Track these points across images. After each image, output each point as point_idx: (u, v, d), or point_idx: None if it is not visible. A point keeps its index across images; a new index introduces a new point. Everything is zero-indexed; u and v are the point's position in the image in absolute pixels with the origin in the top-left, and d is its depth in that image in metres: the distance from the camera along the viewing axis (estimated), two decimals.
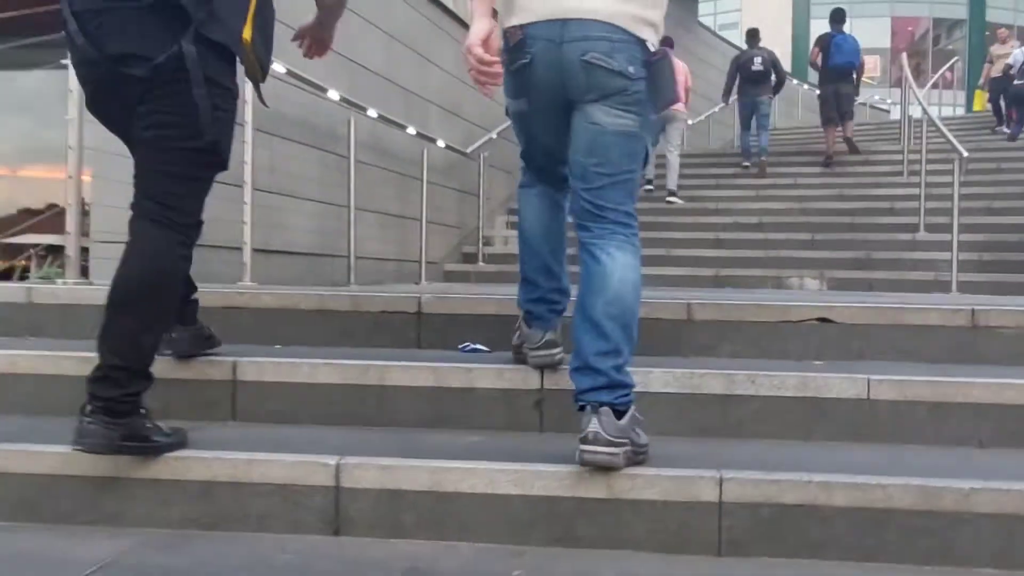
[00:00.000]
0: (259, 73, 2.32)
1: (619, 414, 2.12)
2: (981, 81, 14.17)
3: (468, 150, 8.02)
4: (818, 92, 10.77)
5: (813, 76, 11.43)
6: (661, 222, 8.67)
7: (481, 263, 8.17)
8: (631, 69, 2.22)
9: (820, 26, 10.64)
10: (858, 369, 2.62)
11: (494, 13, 2.35)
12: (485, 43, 2.29)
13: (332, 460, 2.10)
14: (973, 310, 2.86)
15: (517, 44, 2.28)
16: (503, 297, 2.91)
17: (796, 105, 17.90)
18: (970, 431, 2.41)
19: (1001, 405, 2.40)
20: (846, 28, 10.40)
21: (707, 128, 14.51)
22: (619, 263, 2.21)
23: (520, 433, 2.49)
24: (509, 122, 2.52)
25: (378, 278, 6.91)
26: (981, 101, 14.79)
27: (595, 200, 2.25)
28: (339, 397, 2.56)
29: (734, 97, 10.78)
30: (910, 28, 31.45)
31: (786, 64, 23.63)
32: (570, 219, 2.43)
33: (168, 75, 2.11)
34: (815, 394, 2.45)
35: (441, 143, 7.48)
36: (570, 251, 2.52)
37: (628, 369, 2.20)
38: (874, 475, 2.04)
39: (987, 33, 14.26)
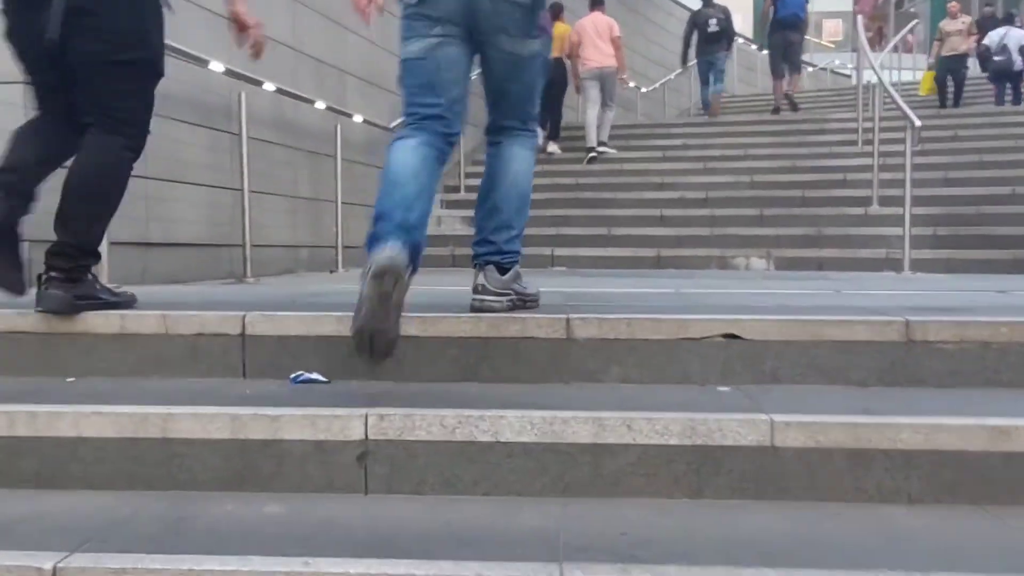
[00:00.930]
0: None
1: (503, 270, 2.61)
2: (931, 60, 12.50)
3: (392, 125, 7.40)
4: (768, 43, 10.94)
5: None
6: (603, 199, 8.15)
7: None
8: None
9: None
10: (767, 402, 2.13)
11: None
12: None
13: (49, 563, 1.57)
14: (907, 322, 2.36)
15: None
16: (346, 314, 2.38)
17: (756, 71, 17.35)
18: (897, 484, 1.92)
19: (934, 452, 1.92)
20: None
21: (662, 96, 13.92)
22: (517, 158, 2.65)
23: (339, 496, 1.97)
24: None
25: (289, 267, 6.33)
26: (929, 84, 12.40)
27: (508, 118, 2.65)
28: (114, 454, 2.01)
29: (692, 62, 11.05)
30: None
31: (748, 28, 23.23)
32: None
33: None
34: (706, 441, 1.94)
35: (358, 118, 6.87)
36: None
37: (518, 240, 2.69)
38: (760, 566, 1.55)
39: None
